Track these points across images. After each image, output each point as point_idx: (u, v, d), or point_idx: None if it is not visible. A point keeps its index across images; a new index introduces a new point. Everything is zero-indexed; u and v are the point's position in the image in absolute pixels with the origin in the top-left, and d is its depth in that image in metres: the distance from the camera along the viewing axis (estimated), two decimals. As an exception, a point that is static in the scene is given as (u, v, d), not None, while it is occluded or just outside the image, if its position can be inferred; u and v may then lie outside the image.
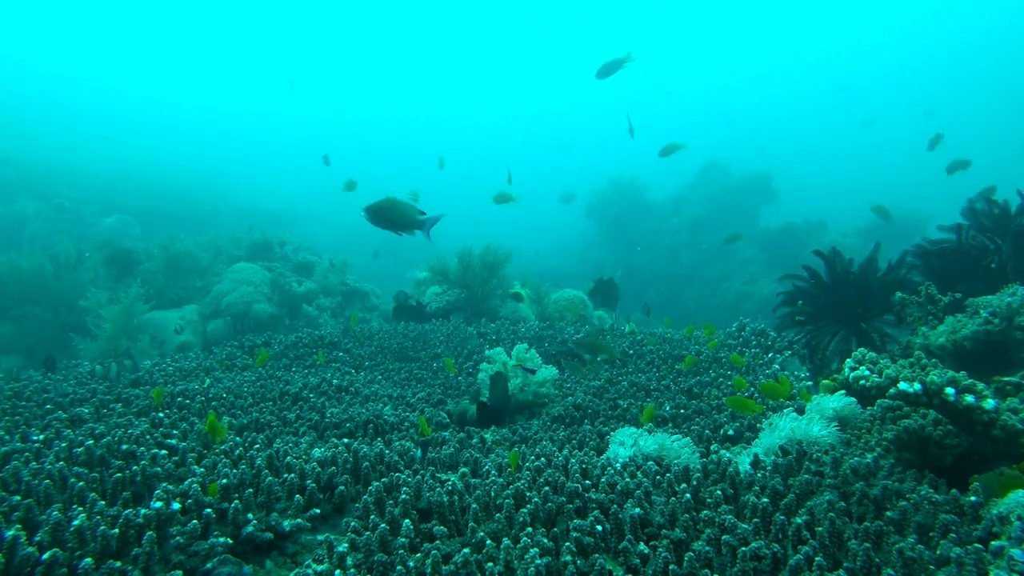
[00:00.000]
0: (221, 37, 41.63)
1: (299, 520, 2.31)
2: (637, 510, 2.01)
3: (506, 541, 1.86)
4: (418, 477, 2.45)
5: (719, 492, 2.18)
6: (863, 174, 34.64)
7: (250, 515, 2.23)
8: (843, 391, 3.23)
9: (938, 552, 1.73)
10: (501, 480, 2.40)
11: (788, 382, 3.05)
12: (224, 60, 43.25)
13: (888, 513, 1.96)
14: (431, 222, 3.38)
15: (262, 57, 43.72)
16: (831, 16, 39.95)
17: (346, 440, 3.15)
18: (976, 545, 1.65)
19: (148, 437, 2.93)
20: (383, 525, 1.97)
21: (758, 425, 3.38)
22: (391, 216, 3.35)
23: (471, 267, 7.55)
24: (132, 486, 2.37)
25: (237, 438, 3.10)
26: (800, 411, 3.26)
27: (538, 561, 1.76)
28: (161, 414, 3.45)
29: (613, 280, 5.60)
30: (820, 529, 1.82)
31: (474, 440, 3.43)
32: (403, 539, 1.92)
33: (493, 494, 2.24)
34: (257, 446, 2.94)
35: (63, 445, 2.70)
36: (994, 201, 4.42)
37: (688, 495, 2.11)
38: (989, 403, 2.52)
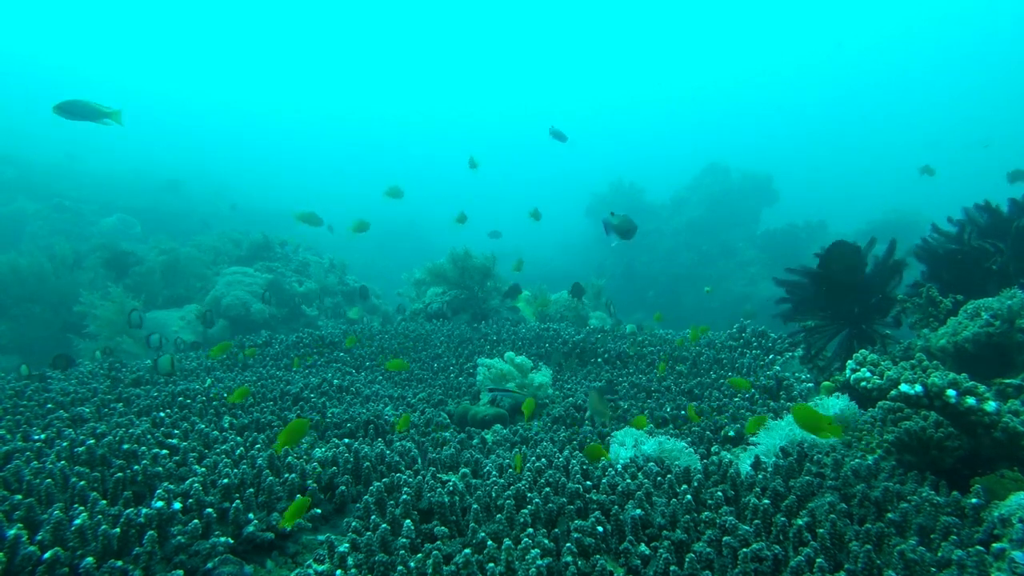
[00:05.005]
0: (223, 35, 41.67)
1: (300, 520, 2.31)
2: (638, 511, 2.01)
3: (507, 542, 1.85)
4: (419, 478, 2.45)
5: (720, 493, 2.18)
6: (863, 175, 34.66)
7: (251, 515, 2.23)
8: (846, 392, 3.23)
9: (939, 554, 1.72)
10: (502, 481, 2.40)
11: (644, 418, 3.25)
12: (226, 59, 43.27)
13: (889, 515, 1.96)
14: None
15: (265, 56, 43.76)
16: (831, 17, 39.99)
17: (347, 440, 3.15)
18: (977, 547, 1.65)
19: (149, 437, 2.93)
20: (384, 525, 1.97)
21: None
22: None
23: (467, 268, 7.56)
24: (133, 485, 2.37)
25: (238, 438, 3.09)
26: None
27: (539, 562, 1.76)
28: (162, 414, 3.45)
29: (579, 284, 7.88)
30: (821, 531, 1.82)
31: (475, 441, 3.43)
32: (404, 539, 1.92)
33: (494, 495, 2.24)
34: (258, 446, 2.94)
35: (64, 444, 2.70)
36: (982, 206, 4.43)
37: (689, 496, 2.10)
38: (990, 405, 2.51)
